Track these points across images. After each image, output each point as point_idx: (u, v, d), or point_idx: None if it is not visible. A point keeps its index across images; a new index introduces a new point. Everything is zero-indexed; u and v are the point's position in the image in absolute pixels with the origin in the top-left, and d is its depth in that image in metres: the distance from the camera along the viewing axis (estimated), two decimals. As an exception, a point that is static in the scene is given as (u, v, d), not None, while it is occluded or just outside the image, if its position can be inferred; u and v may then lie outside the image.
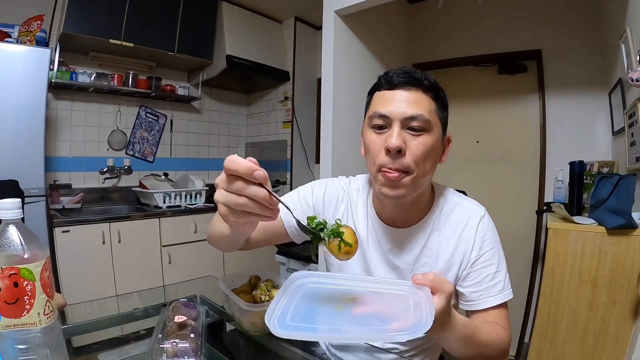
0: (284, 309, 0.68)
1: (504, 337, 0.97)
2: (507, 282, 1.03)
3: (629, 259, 1.72)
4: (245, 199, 0.62)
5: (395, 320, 0.66)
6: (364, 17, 2.72)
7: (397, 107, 0.94)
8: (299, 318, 0.66)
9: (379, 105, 0.97)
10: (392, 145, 0.90)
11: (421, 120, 0.92)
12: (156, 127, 4.02)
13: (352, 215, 1.16)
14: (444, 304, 0.72)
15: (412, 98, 0.94)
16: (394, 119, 0.93)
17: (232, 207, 0.64)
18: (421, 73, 0.97)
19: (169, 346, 0.80)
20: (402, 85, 0.96)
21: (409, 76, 0.96)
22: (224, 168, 0.62)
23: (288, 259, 2.87)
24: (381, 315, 0.70)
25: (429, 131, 0.94)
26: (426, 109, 0.94)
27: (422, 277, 0.74)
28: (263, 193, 0.61)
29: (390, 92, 0.97)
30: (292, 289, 0.76)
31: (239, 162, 0.60)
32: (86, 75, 3.31)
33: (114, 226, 2.99)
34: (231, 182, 0.62)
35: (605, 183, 1.83)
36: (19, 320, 0.67)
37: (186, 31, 3.61)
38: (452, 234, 1.06)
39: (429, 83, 0.96)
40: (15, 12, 2.89)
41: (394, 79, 0.97)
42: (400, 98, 0.95)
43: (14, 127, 2.51)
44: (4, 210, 0.66)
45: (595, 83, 2.71)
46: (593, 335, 1.80)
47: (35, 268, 0.67)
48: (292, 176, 4.25)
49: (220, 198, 0.64)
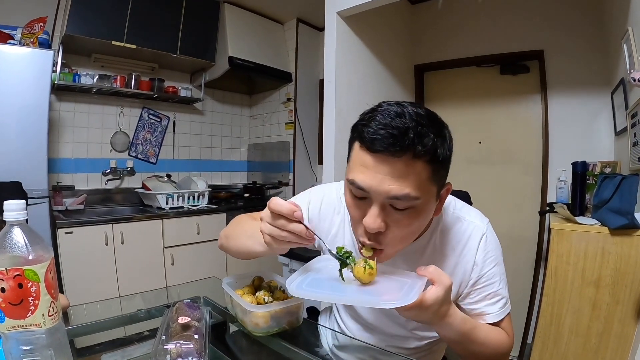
0: (303, 278, 0.84)
1: (503, 340, 0.99)
2: (507, 297, 1.03)
3: (632, 259, 1.71)
4: (287, 233, 0.78)
5: (386, 294, 0.77)
6: (366, 18, 2.72)
7: (377, 183, 0.77)
8: (314, 285, 0.81)
9: (358, 171, 0.80)
10: (369, 227, 0.80)
11: (406, 200, 0.77)
12: (159, 128, 4.03)
13: (349, 227, 1.09)
14: (441, 293, 0.77)
15: (398, 172, 0.76)
16: (373, 196, 0.79)
17: (276, 237, 0.79)
18: (415, 129, 0.74)
19: (173, 347, 0.80)
20: (386, 154, 0.75)
21: (395, 142, 0.74)
22: (268, 208, 0.78)
23: (291, 260, 2.88)
24: (378, 290, 0.80)
25: (417, 206, 0.80)
26: (415, 184, 0.77)
27: (424, 269, 0.81)
28: (301, 228, 0.77)
29: (372, 158, 0.78)
30: (313, 266, 0.91)
31: (282, 205, 0.76)
32: (89, 77, 3.33)
33: (117, 227, 2.99)
34: (275, 219, 0.78)
35: (607, 183, 1.83)
36: (24, 321, 0.67)
37: (188, 33, 3.63)
38: (452, 252, 1.01)
39: (423, 149, 0.75)
40: (18, 14, 2.90)
41: (375, 143, 0.75)
42: (382, 170, 0.76)
43: (17, 129, 2.52)
44: (9, 211, 0.66)
45: (598, 83, 2.70)
46: (596, 335, 1.80)
47: (39, 269, 0.67)
48: (294, 177, 4.25)
49: (267, 230, 0.80)
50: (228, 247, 1.19)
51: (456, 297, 1.03)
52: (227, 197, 4.15)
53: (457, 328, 0.86)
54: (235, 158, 4.81)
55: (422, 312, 0.77)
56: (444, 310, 0.81)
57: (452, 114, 3.25)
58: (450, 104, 3.51)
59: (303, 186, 4.11)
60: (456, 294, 1.02)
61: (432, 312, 0.77)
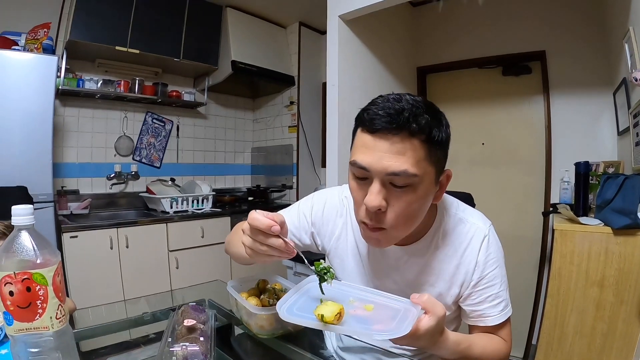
0: (294, 302, 0.83)
1: (501, 350, 1.01)
2: (508, 300, 1.04)
3: (635, 258, 1.71)
4: (266, 247, 0.78)
5: (379, 324, 0.77)
6: (368, 22, 2.73)
7: (376, 160, 0.82)
8: (304, 309, 0.80)
9: (359, 152, 0.85)
10: (369, 205, 0.83)
11: (405, 177, 0.81)
12: (162, 132, 4.05)
13: (352, 228, 1.13)
14: (433, 324, 0.77)
15: (396, 148, 0.81)
16: (373, 174, 0.83)
17: (255, 250, 0.80)
18: (410, 110, 0.81)
19: (179, 349, 0.81)
20: (384, 132, 0.81)
21: (392, 120, 0.80)
22: (248, 222, 0.78)
23: (295, 263, 2.90)
24: (371, 318, 0.80)
25: (415, 185, 0.83)
26: (413, 161, 0.81)
27: (418, 297, 0.80)
28: (279, 243, 0.77)
29: (371, 137, 0.83)
30: (305, 288, 0.89)
31: (260, 220, 0.76)
32: (93, 82, 3.34)
33: (121, 231, 3.00)
34: (254, 234, 0.78)
35: (610, 183, 1.83)
36: (32, 324, 0.68)
37: (191, 37, 3.65)
38: (454, 253, 1.02)
39: (418, 127, 0.80)
40: (22, 20, 2.93)
41: (375, 122, 0.82)
42: (381, 148, 0.81)
43: (22, 134, 2.54)
44: (17, 216, 0.68)
45: (600, 83, 2.70)
46: (601, 335, 1.80)
47: (47, 273, 0.68)
48: (298, 180, 4.26)
49: (247, 243, 0.81)
50: (229, 252, 1.25)
51: (457, 298, 1.04)
52: (231, 201, 4.15)
53: (451, 351, 0.89)
54: (238, 162, 4.82)
55: (415, 341, 0.79)
56: (436, 338, 0.83)
57: (455, 116, 3.25)
58: (453, 105, 3.51)
59: (306, 189, 4.13)
60: (458, 294, 1.03)
61: (425, 341, 0.80)
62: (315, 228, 1.18)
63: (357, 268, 1.13)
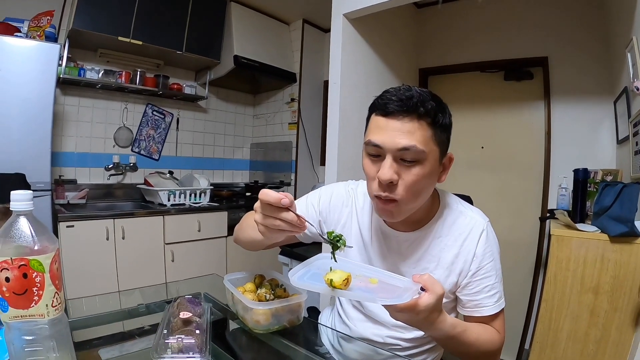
0: (304, 272, 0.89)
1: (494, 340, 1.06)
2: (502, 292, 1.09)
3: (631, 266, 1.71)
4: (279, 221, 0.81)
5: (383, 293, 0.83)
6: (372, 21, 2.73)
7: (389, 138, 0.92)
8: (314, 279, 0.85)
9: (374, 133, 0.96)
10: (382, 177, 0.92)
11: (414, 152, 0.91)
12: (162, 125, 4.04)
13: (357, 217, 1.20)
14: (432, 301, 0.82)
15: (406, 128, 0.92)
16: (386, 150, 0.93)
17: (268, 226, 0.83)
18: (418, 97, 0.93)
19: (174, 342, 0.80)
20: (396, 114, 0.93)
21: (402, 104, 0.92)
22: (259, 198, 0.81)
23: (291, 260, 2.90)
24: (375, 290, 0.85)
25: (422, 161, 0.93)
26: (420, 139, 0.92)
27: (419, 276, 0.85)
28: (292, 217, 0.80)
29: (384, 119, 0.94)
30: (315, 263, 0.94)
31: (270, 194, 0.79)
32: (94, 72, 3.34)
33: (118, 222, 2.99)
34: (266, 209, 0.81)
35: (608, 191, 1.83)
36: (27, 311, 0.67)
37: (194, 31, 3.63)
38: (454, 242, 1.09)
39: (425, 110, 0.92)
40: (25, 7, 2.92)
41: (388, 106, 0.93)
42: (393, 127, 0.93)
43: (21, 121, 2.53)
44: (16, 201, 0.67)
45: (601, 91, 2.71)
46: (594, 342, 1.80)
47: (45, 260, 0.67)
48: (296, 177, 4.25)
49: (260, 220, 0.84)
50: (239, 239, 1.30)
51: (455, 287, 1.10)
52: (228, 196, 4.15)
53: (446, 333, 0.92)
54: (237, 157, 4.81)
55: (414, 316, 0.83)
56: (434, 317, 0.86)
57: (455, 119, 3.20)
58: (454, 108, 3.44)
59: (304, 187, 4.13)
60: (455, 283, 1.09)
61: (422, 317, 0.83)
62: (322, 216, 1.25)
63: (360, 255, 1.18)
